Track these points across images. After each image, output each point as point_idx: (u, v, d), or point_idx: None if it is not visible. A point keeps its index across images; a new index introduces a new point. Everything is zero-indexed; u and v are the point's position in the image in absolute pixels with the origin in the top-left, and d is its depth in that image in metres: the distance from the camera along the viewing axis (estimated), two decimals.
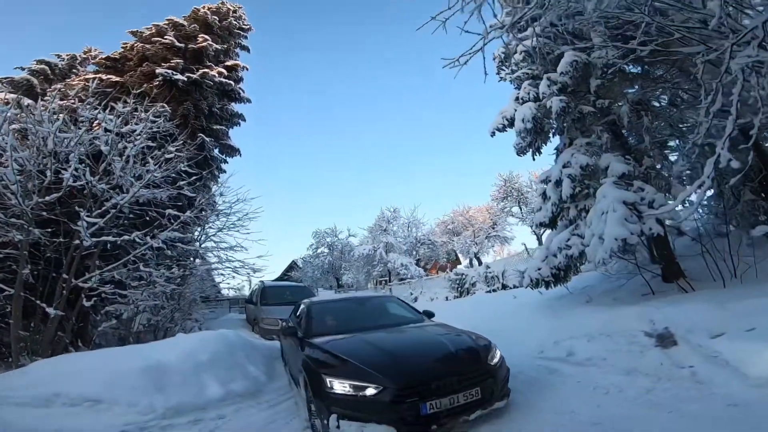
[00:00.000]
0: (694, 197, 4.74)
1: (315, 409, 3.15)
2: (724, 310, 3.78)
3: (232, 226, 8.63)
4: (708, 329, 3.69)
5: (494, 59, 8.90)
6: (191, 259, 8.52)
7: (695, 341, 3.67)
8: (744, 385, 2.91)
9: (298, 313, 5.28)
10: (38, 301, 5.63)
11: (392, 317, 4.95)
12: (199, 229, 8.65)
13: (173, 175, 6.96)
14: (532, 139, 7.85)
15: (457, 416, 3.00)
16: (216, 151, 11.76)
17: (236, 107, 12.64)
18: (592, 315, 5.71)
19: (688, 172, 6.66)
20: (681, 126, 7.04)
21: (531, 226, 23.06)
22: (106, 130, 6.29)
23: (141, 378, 4.06)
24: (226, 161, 12.26)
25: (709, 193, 5.06)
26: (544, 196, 7.55)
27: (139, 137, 6.33)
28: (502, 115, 8.18)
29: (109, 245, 6.06)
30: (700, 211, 7.35)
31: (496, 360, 3.49)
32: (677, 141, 7.13)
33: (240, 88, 12.55)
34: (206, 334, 5.53)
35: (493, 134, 8.41)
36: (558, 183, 7.09)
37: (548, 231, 8.08)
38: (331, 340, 3.93)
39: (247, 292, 21.82)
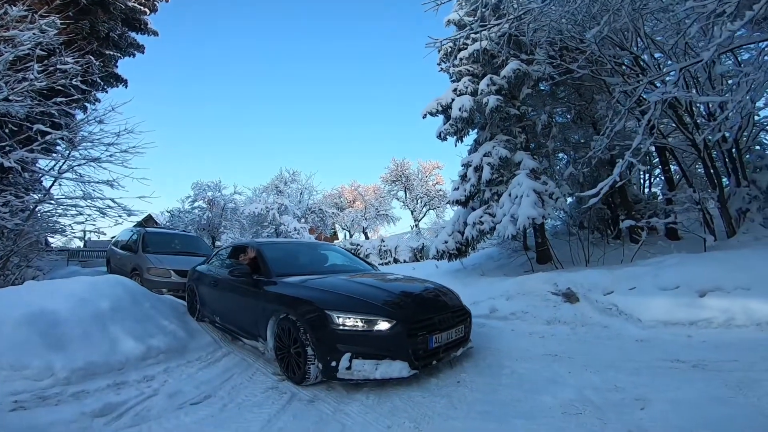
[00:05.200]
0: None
1: (315, 351, 2.82)
2: (611, 275, 5.03)
3: (109, 158, 6.62)
4: (601, 288, 4.86)
5: (439, 51, 9.31)
6: (41, 190, 6.21)
7: (593, 297, 4.78)
8: (640, 327, 3.99)
9: (232, 256, 4.71)
10: None
11: (351, 263, 4.84)
12: (63, 148, 6.35)
13: (48, 89, 5.39)
14: (461, 128, 8.66)
15: (450, 351, 3.18)
16: (97, 78, 9.36)
17: (138, 38, 11.54)
18: (499, 282, 6.68)
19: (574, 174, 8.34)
20: (571, 141, 8.89)
21: (413, 213, 25.23)
22: None
23: (25, 330, 2.90)
24: (105, 90, 10.67)
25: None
26: (464, 177, 8.44)
27: (24, 44, 5.01)
28: (438, 101, 8.76)
29: None
30: (563, 213, 9.48)
31: (465, 304, 3.80)
32: (570, 152, 8.94)
33: (148, 18, 11.21)
34: (96, 278, 4.22)
35: (425, 116, 8.98)
36: (477, 169, 8.05)
37: (458, 208, 9.04)
38: (308, 279, 3.57)
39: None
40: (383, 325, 2.82)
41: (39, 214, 6.61)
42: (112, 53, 10.30)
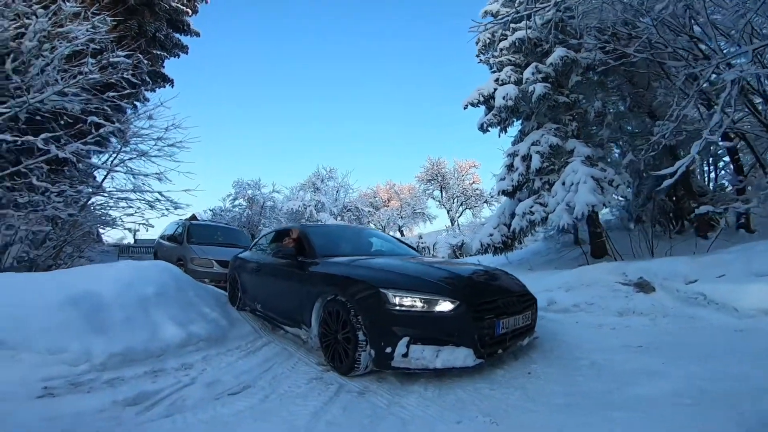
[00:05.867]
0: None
1: (368, 336, 2.53)
2: (692, 262, 4.39)
3: (157, 152, 6.82)
4: (682, 277, 4.24)
5: (477, 43, 9.11)
6: (94, 182, 6.50)
7: (673, 287, 4.16)
8: (736, 317, 3.38)
9: (276, 240, 4.57)
10: None
11: (398, 248, 4.51)
12: (114, 144, 6.67)
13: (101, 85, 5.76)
14: (505, 117, 8.19)
15: (516, 340, 2.80)
16: (146, 76, 9.92)
17: (182, 38, 11.98)
18: (552, 275, 6.13)
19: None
20: (626, 130, 8.17)
21: (449, 212, 24.59)
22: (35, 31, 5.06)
23: (67, 313, 2.82)
24: (153, 89, 11.19)
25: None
26: (510, 167, 7.92)
27: (78, 38, 5.30)
28: (479, 91, 8.34)
29: None
30: (624, 201, 8.68)
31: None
32: (625, 141, 8.21)
33: (190, 19, 11.77)
34: (143, 262, 4.24)
35: (465, 107, 8.60)
36: (525, 158, 7.52)
37: (504, 200, 8.54)
38: (357, 259, 3.31)
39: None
40: (445, 306, 2.48)
41: (92, 207, 6.90)
42: (158, 53, 10.74)
